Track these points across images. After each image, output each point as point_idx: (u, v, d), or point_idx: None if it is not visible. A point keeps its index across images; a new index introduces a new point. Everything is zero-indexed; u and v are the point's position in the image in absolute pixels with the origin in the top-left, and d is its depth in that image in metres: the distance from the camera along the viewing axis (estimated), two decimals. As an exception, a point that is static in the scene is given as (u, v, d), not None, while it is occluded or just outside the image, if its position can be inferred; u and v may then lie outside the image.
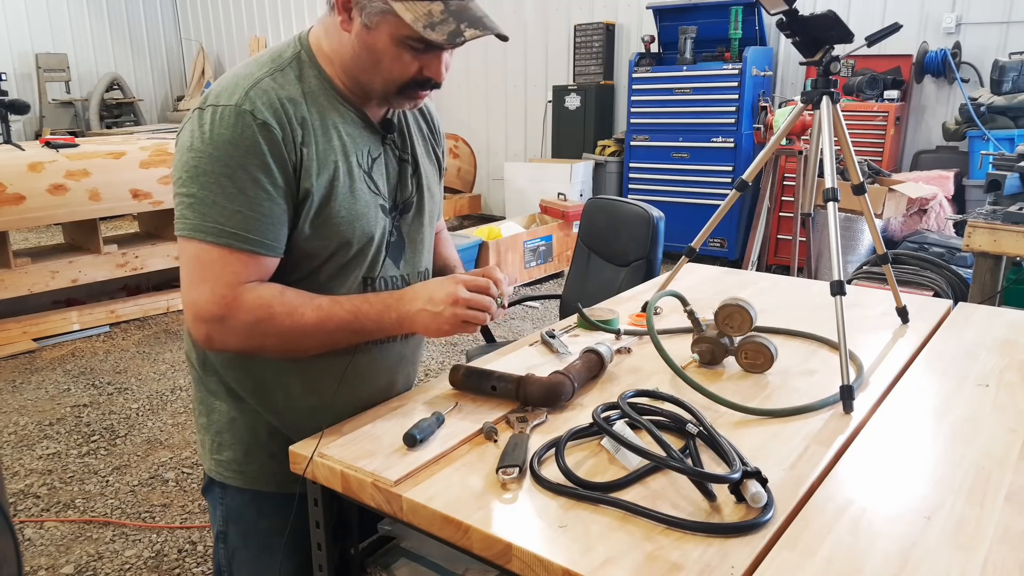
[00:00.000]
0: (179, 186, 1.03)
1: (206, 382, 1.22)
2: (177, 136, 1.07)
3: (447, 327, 1.11)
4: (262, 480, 1.21)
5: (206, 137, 1.01)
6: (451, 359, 3.95)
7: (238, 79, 1.05)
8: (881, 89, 5.08)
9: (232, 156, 1.00)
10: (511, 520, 0.91)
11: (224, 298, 1.02)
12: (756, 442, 1.09)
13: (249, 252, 1.03)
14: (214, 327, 1.04)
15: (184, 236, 1.02)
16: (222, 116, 1.01)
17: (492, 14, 1.07)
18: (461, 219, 7.29)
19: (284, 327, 1.05)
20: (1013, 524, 0.89)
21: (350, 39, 1.05)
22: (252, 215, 1.02)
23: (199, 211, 1.01)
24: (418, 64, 1.05)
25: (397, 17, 0.99)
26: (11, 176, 3.98)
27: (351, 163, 1.11)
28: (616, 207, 2.48)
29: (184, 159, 1.02)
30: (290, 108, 1.04)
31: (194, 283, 1.03)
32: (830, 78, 1.43)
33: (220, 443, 1.21)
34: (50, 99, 8.99)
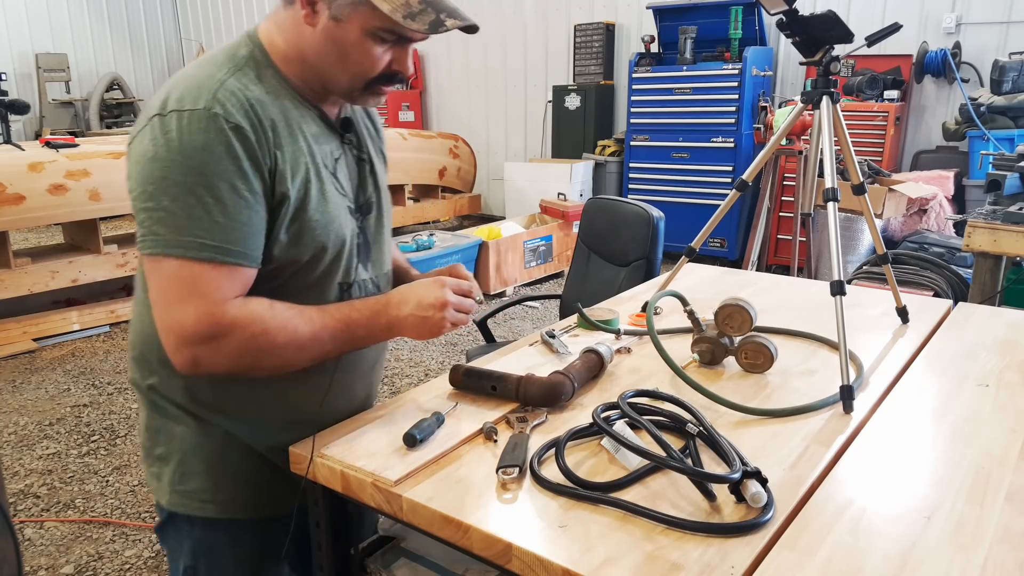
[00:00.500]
0: (144, 200, 0.95)
1: (163, 408, 1.13)
2: (129, 147, 0.99)
3: (437, 330, 1.10)
4: (235, 507, 1.14)
5: (173, 145, 0.94)
6: (451, 359, 3.95)
7: (199, 81, 0.98)
8: (881, 89, 5.08)
9: (206, 163, 0.94)
10: (511, 520, 0.91)
11: (213, 316, 0.96)
12: (756, 442, 1.09)
13: (233, 265, 0.97)
14: (203, 349, 0.97)
15: (157, 254, 0.95)
16: (190, 121, 0.94)
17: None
18: (461, 219, 7.29)
19: (279, 343, 1.00)
20: (1013, 524, 0.89)
21: (313, 33, 1.01)
22: (232, 225, 0.96)
23: (173, 225, 0.94)
24: (388, 57, 1.03)
25: (371, 8, 0.97)
26: (11, 176, 3.98)
27: (318, 165, 1.06)
28: (616, 207, 2.48)
29: (147, 170, 0.95)
30: (259, 109, 0.99)
31: (175, 304, 0.96)
32: (830, 78, 1.43)
33: (184, 472, 1.13)
34: (50, 99, 8.99)
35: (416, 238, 4.66)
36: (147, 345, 1.10)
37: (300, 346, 1.02)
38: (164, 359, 1.05)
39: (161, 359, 1.06)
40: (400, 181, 6.22)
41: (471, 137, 7.37)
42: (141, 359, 1.13)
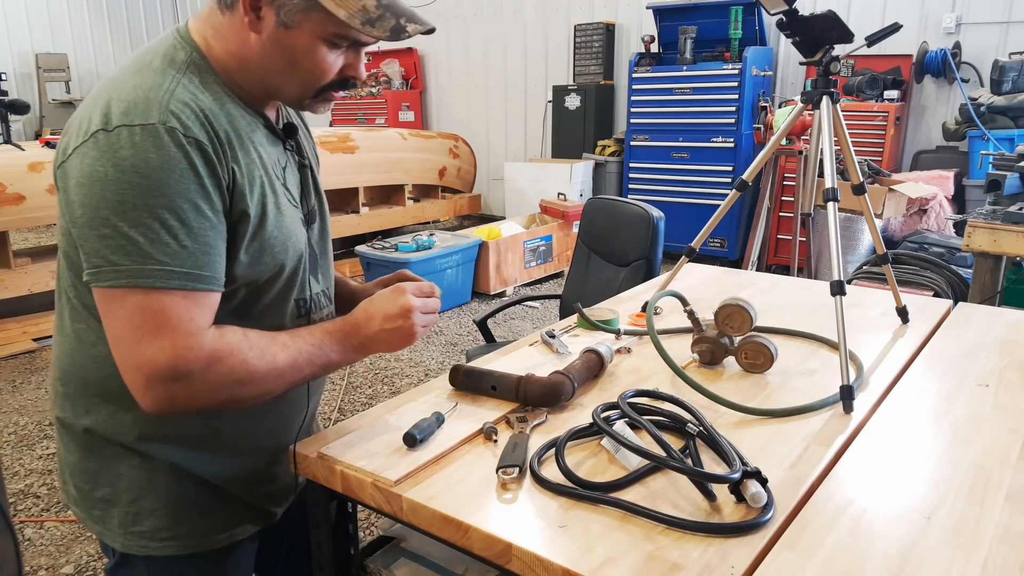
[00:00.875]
0: (96, 227, 0.85)
1: (100, 449, 1.04)
2: (63, 165, 0.89)
3: (409, 338, 1.06)
4: (197, 541, 1.08)
5: (126, 164, 0.84)
6: (451, 359, 3.95)
7: (143, 91, 0.89)
8: (881, 89, 5.08)
9: (166, 183, 0.85)
10: (511, 520, 0.91)
11: (191, 350, 0.88)
12: (756, 442, 1.09)
13: (203, 291, 0.90)
14: (179, 387, 0.88)
15: (120, 286, 0.86)
16: (143, 137, 0.85)
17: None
18: (461, 219, 7.29)
19: (260, 372, 0.94)
20: (1013, 524, 0.89)
21: (259, 40, 0.93)
22: (200, 249, 0.89)
23: (135, 254, 0.85)
24: (341, 63, 0.98)
25: (324, 13, 0.91)
26: (11, 176, 3.99)
27: (271, 176, 1.00)
28: (616, 207, 2.49)
29: (98, 194, 0.85)
30: (213, 121, 0.92)
31: (145, 340, 0.87)
32: (830, 78, 1.43)
33: (137, 512, 1.05)
34: (50, 99, 8.99)
35: (416, 238, 4.67)
36: (83, 382, 1.02)
37: (279, 374, 0.96)
38: (109, 396, 1.00)
39: (105, 396, 1.00)
40: (400, 181, 6.22)
41: (471, 137, 7.37)
42: (76, 397, 1.03)
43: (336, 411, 3.38)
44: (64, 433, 1.08)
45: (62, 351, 1.04)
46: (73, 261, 0.96)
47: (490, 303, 4.89)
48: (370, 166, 5.85)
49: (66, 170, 0.89)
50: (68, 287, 1.00)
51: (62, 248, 0.98)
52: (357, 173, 5.76)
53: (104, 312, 0.89)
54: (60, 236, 0.97)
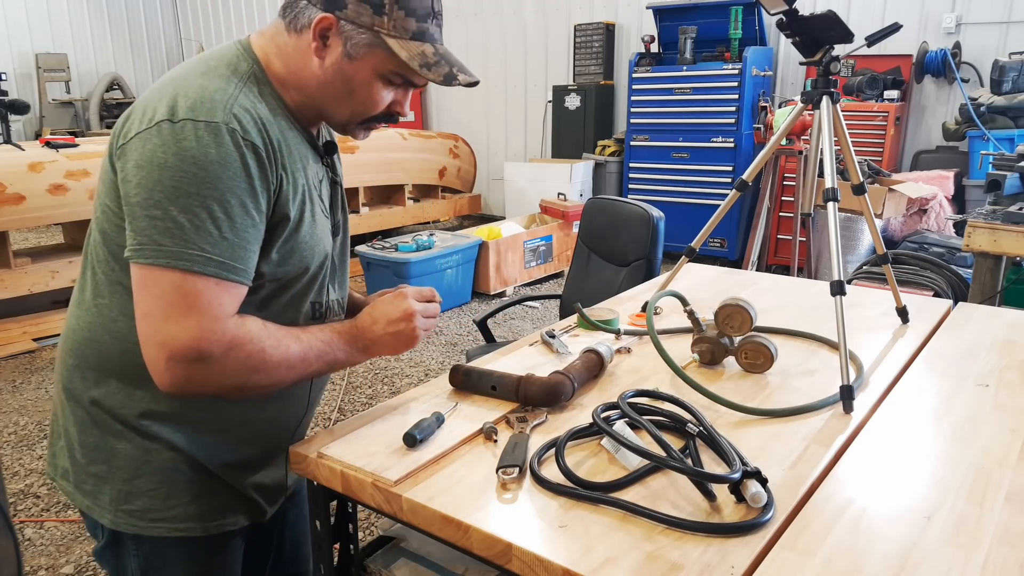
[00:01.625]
0: (148, 207, 0.91)
1: (103, 423, 1.06)
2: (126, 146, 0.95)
3: (411, 341, 1.12)
4: (187, 524, 1.09)
5: (187, 155, 0.91)
6: (451, 359, 3.95)
7: (210, 93, 0.95)
8: (881, 89, 5.08)
9: (220, 178, 0.92)
10: (511, 520, 0.91)
11: (215, 333, 0.93)
12: (756, 442, 1.09)
13: (235, 282, 0.95)
14: (198, 367, 0.93)
15: (159, 265, 0.91)
16: (207, 133, 0.92)
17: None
18: (461, 219, 7.29)
19: (274, 361, 0.99)
20: (1013, 524, 0.89)
21: (321, 65, 1.01)
22: (238, 243, 0.94)
23: (180, 237, 0.91)
24: (391, 98, 1.06)
25: (388, 53, 0.99)
26: (11, 176, 3.98)
27: (311, 187, 1.07)
28: (616, 207, 2.49)
29: (155, 177, 0.91)
30: (269, 129, 0.99)
31: (173, 318, 0.91)
32: (830, 78, 1.43)
33: (130, 492, 1.07)
34: (50, 99, 8.99)
35: (416, 238, 4.67)
36: (98, 355, 1.05)
37: (291, 365, 1.01)
38: (122, 372, 1.03)
39: (118, 372, 1.03)
40: (400, 181, 6.22)
41: (471, 137, 7.37)
42: (86, 368, 1.06)
43: (336, 411, 3.38)
44: (68, 404, 1.10)
45: (79, 323, 1.07)
46: (109, 237, 1.00)
47: (490, 303, 4.89)
48: (370, 166, 5.86)
49: (126, 151, 0.94)
50: (98, 262, 1.03)
51: (98, 225, 1.02)
52: (357, 173, 5.76)
53: (138, 287, 0.93)
54: (98, 213, 1.02)
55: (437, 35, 1.03)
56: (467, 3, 7.30)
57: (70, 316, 1.10)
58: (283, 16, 1.04)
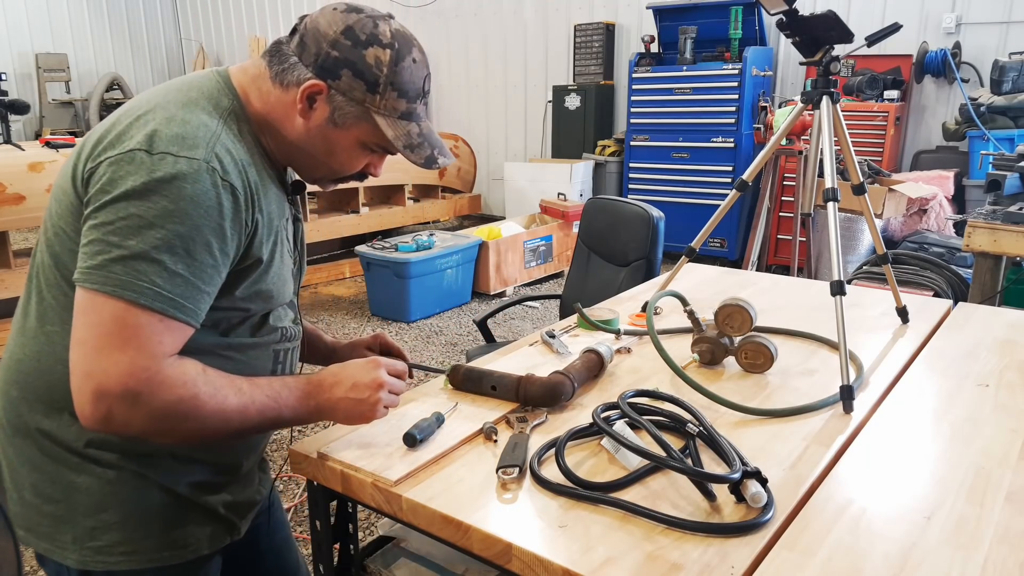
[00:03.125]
0: (107, 233, 0.87)
1: (55, 456, 1.00)
2: (94, 171, 0.91)
3: (369, 414, 1.04)
4: (162, 553, 1.04)
5: (159, 187, 0.87)
6: (451, 359, 3.95)
7: (192, 127, 0.92)
8: (881, 89, 5.08)
9: (189, 214, 0.88)
10: (511, 520, 0.91)
11: (146, 371, 0.87)
12: (756, 442, 1.09)
13: (180, 322, 0.90)
14: (121, 405, 0.86)
15: (105, 292, 0.86)
16: (183, 173, 0.89)
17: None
18: (461, 219, 7.29)
19: (206, 411, 0.92)
20: (1013, 524, 0.89)
21: (303, 125, 1.00)
22: (194, 282, 0.90)
23: (133, 268, 0.86)
24: (367, 161, 1.07)
25: (374, 128, 1.00)
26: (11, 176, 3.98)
27: (280, 226, 1.05)
28: (616, 207, 2.49)
29: (121, 204, 0.87)
30: (248, 172, 0.96)
31: (107, 349, 0.86)
32: (830, 78, 1.43)
33: (95, 527, 1.00)
34: (50, 99, 8.99)
35: (416, 238, 4.66)
36: (48, 385, 0.99)
37: (226, 418, 0.94)
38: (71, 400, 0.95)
39: (71, 402, 0.94)
40: (400, 181, 6.22)
41: (471, 137, 7.37)
42: (34, 400, 1.00)
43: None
44: (13, 441, 1.03)
45: (26, 353, 1.00)
46: (61, 261, 0.96)
47: (490, 303, 4.89)
48: (370, 166, 5.84)
49: (95, 174, 0.90)
50: (48, 286, 0.98)
51: (49, 248, 0.98)
52: (357, 173, 5.74)
53: (78, 312, 0.89)
54: (49, 235, 0.97)
55: (423, 113, 1.04)
56: (467, 3, 7.30)
57: (12, 345, 1.03)
58: (269, 64, 1.01)
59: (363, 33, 0.97)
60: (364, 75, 0.97)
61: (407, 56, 0.99)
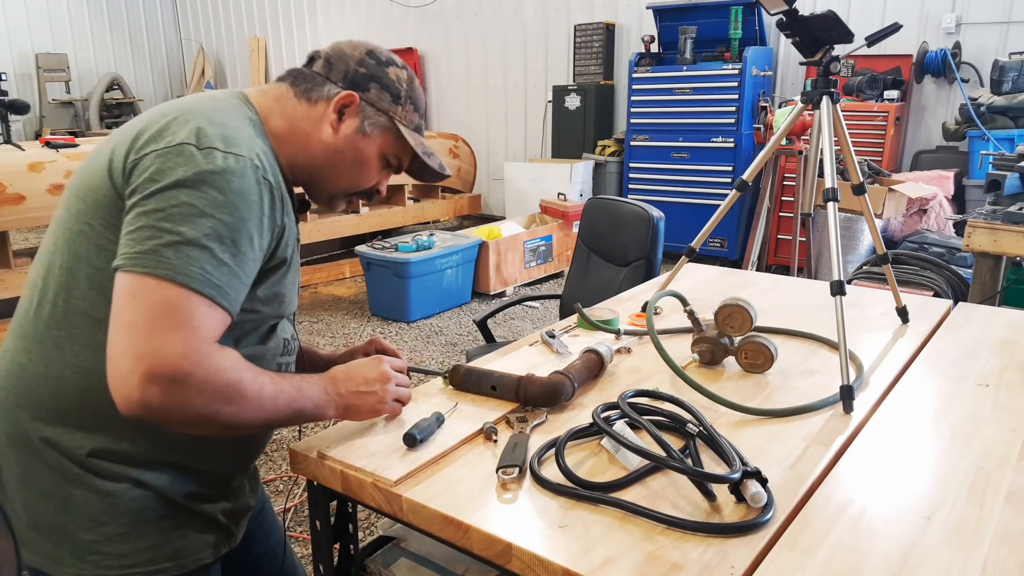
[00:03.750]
0: (159, 220, 0.89)
1: (56, 467, 0.98)
2: (138, 163, 0.93)
3: (380, 406, 1.10)
4: (164, 564, 1.03)
5: (209, 178, 0.91)
6: (451, 359, 3.95)
7: (232, 128, 0.97)
8: (881, 89, 5.08)
9: (238, 207, 0.92)
10: (511, 520, 0.91)
11: (199, 352, 0.88)
12: (756, 442, 1.09)
13: (224, 310, 0.92)
14: (171, 387, 0.86)
15: (157, 276, 0.87)
16: (231, 168, 0.93)
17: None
18: (461, 219, 7.29)
19: (248, 396, 0.93)
20: (1013, 524, 0.89)
21: (331, 136, 1.07)
22: (237, 274, 0.93)
23: (185, 254, 0.88)
24: (380, 177, 1.15)
25: (396, 137, 1.11)
26: (11, 176, 3.98)
27: (296, 239, 1.11)
28: (616, 207, 2.49)
29: (172, 192, 0.90)
30: (278, 175, 1.02)
31: (159, 331, 0.86)
32: (830, 78, 1.43)
33: (95, 539, 0.99)
34: (50, 99, 8.99)
35: (416, 238, 4.66)
36: (55, 392, 0.98)
37: (262, 405, 0.95)
38: (81, 411, 0.97)
39: (77, 410, 0.97)
40: (400, 181, 6.21)
41: (471, 137, 7.37)
42: (35, 406, 0.98)
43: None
44: (10, 451, 1.01)
45: (31, 359, 0.99)
46: (85, 259, 0.96)
47: (490, 303, 4.89)
48: (370, 166, 5.84)
49: (139, 166, 0.92)
50: (65, 290, 0.97)
51: (72, 249, 0.97)
52: (357, 173, 5.74)
53: (126, 296, 0.88)
54: (72, 236, 0.97)
55: (424, 131, 1.17)
56: (467, 3, 7.30)
57: (14, 351, 1.01)
58: (292, 84, 1.09)
59: (382, 56, 1.11)
60: (389, 88, 1.09)
61: (415, 78, 1.14)
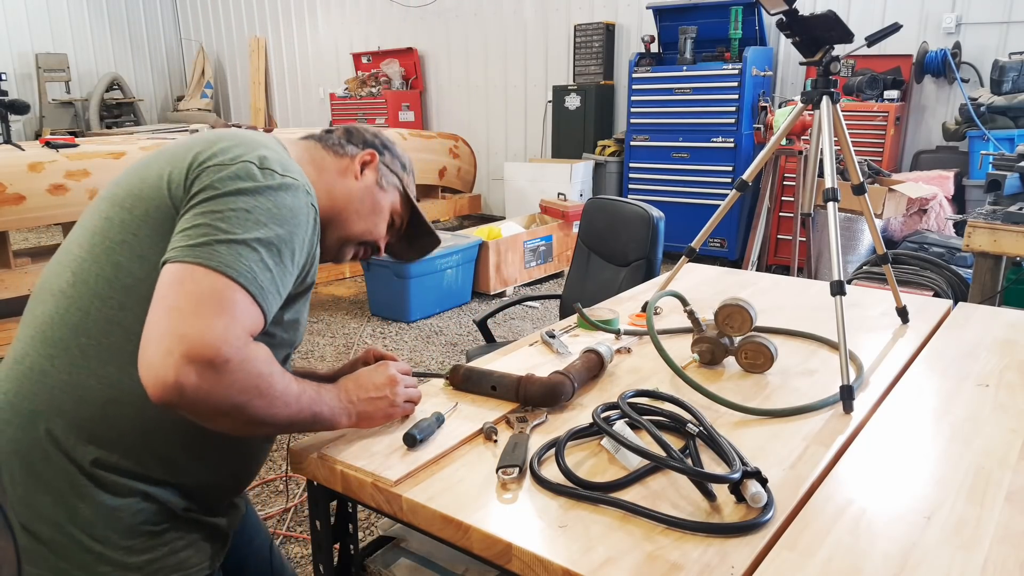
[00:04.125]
0: (217, 220, 0.92)
1: (64, 472, 0.97)
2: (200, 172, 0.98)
3: (393, 409, 1.13)
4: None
5: (267, 191, 0.96)
6: (451, 359, 3.95)
7: (286, 159, 1.03)
8: (881, 89, 5.08)
9: (288, 221, 0.97)
10: (511, 520, 0.91)
11: (240, 340, 0.88)
12: (756, 442, 1.09)
13: (263, 313, 0.93)
14: (208, 372, 0.85)
15: (208, 266, 0.89)
16: (290, 185, 0.99)
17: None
18: (461, 219, 7.29)
19: (276, 391, 0.94)
20: (1013, 524, 0.89)
21: (353, 183, 1.18)
22: (277, 282, 0.96)
23: (237, 251, 0.91)
24: (386, 233, 1.25)
25: (404, 199, 1.26)
26: (11, 176, 3.98)
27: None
28: (616, 207, 2.48)
29: (232, 198, 0.94)
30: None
31: (205, 314, 0.87)
32: (830, 78, 1.43)
33: (101, 553, 0.98)
34: (50, 99, 8.99)
35: (416, 238, 4.66)
36: (74, 397, 0.96)
37: (287, 402, 0.96)
38: (100, 423, 0.96)
39: (94, 422, 0.96)
40: (400, 181, 6.22)
41: (471, 137, 7.37)
42: (56, 413, 0.96)
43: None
44: (17, 461, 0.97)
45: (53, 365, 0.97)
46: (128, 270, 0.97)
47: (490, 303, 4.89)
48: (370, 166, 5.84)
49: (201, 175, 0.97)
50: (99, 298, 0.97)
51: (111, 258, 0.98)
52: (357, 173, 5.74)
53: (172, 283, 0.89)
54: (113, 245, 0.98)
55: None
56: (467, 3, 7.30)
57: (34, 356, 0.99)
58: (319, 140, 1.21)
59: (388, 138, 1.29)
60: (399, 158, 1.27)
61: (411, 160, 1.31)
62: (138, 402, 0.94)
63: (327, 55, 8.72)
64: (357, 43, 8.33)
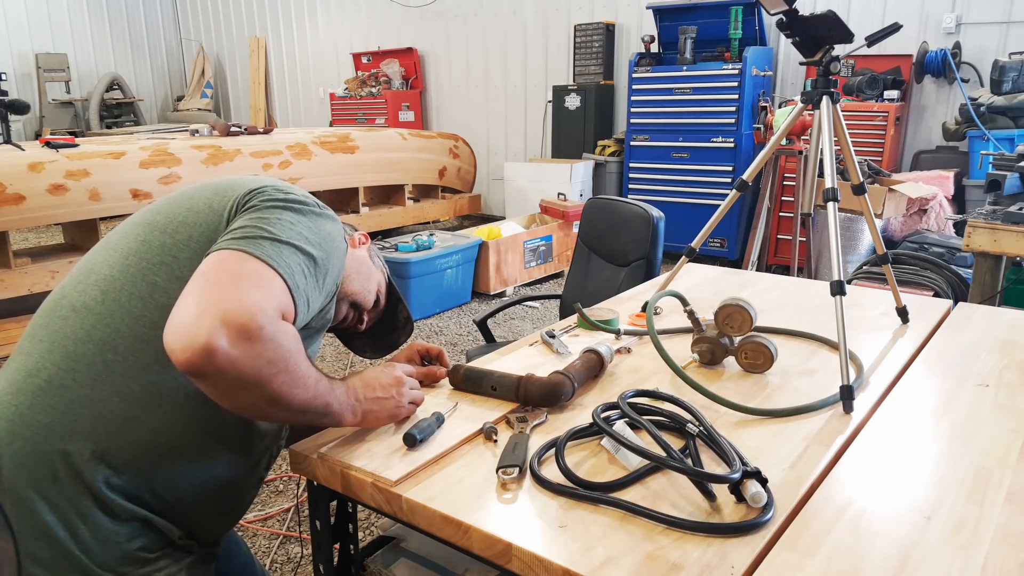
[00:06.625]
0: (263, 223, 0.97)
1: (73, 498, 0.94)
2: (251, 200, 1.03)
3: (398, 410, 1.14)
4: None
5: (313, 216, 1.04)
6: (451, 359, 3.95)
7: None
8: (881, 89, 5.08)
9: (326, 247, 1.03)
10: (511, 520, 0.91)
11: (275, 311, 0.89)
12: (756, 442, 1.09)
13: (296, 308, 0.95)
14: (239, 339, 0.84)
15: (251, 254, 0.93)
16: (332, 217, 1.09)
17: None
18: (461, 219, 7.29)
19: (299, 370, 0.94)
20: (1013, 524, 0.89)
21: (353, 250, 1.26)
22: (309, 293, 0.98)
23: (279, 249, 0.95)
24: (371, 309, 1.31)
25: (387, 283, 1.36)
26: (11, 176, 3.98)
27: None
28: (616, 207, 2.48)
29: (280, 212, 1.01)
30: None
31: (244, 286, 0.89)
32: (830, 78, 1.43)
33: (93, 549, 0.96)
34: (50, 99, 8.99)
35: (416, 238, 4.66)
36: (94, 413, 0.95)
37: (305, 384, 0.95)
38: (119, 438, 0.95)
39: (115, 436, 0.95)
40: (400, 181, 6.22)
41: (471, 137, 7.37)
42: (72, 429, 0.94)
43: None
44: (23, 477, 0.94)
45: (74, 379, 0.96)
46: (164, 290, 0.98)
47: (490, 303, 4.89)
48: (370, 166, 5.85)
49: (249, 201, 1.03)
50: (127, 316, 0.97)
51: (148, 278, 0.99)
52: (357, 173, 5.75)
53: (213, 264, 0.92)
54: (152, 266, 1.00)
55: None
56: (467, 3, 7.30)
57: (53, 369, 0.97)
58: None
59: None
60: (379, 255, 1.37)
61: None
62: (156, 424, 0.97)
63: (327, 55, 8.72)
64: (357, 43, 8.33)
